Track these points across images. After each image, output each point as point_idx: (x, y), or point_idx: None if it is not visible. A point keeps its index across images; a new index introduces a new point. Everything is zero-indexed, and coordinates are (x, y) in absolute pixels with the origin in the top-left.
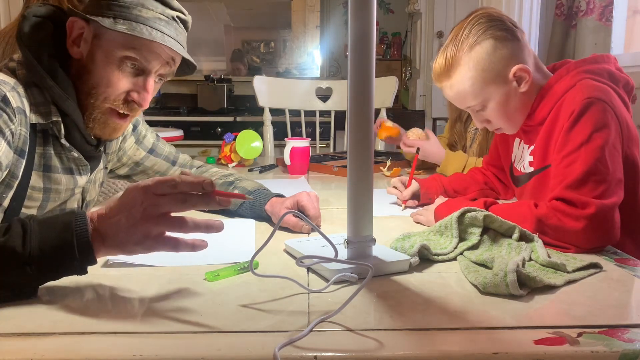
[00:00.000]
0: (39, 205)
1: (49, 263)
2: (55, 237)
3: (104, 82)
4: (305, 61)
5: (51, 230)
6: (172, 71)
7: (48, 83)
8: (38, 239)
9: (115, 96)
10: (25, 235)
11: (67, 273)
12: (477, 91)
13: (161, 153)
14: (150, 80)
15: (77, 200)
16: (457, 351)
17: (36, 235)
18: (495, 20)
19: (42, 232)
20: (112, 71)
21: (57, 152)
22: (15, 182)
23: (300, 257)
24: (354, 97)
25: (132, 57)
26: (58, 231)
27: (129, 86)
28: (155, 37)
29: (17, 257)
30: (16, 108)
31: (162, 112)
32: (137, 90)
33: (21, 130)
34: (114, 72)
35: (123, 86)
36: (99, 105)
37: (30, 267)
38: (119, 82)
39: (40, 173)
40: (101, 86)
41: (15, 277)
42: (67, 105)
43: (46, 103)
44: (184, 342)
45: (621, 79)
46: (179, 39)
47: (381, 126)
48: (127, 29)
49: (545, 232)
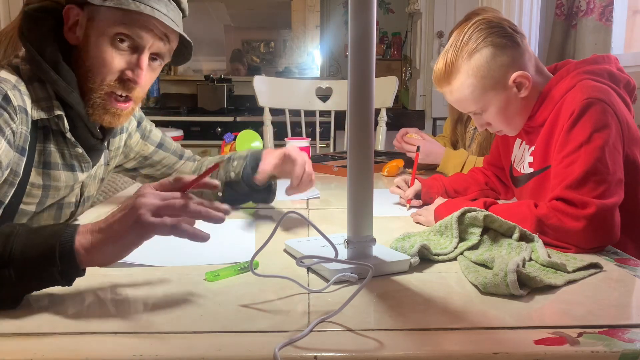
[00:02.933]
0: (38, 201)
1: (29, 268)
2: (40, 242)
3: (98, 62)
4: (305, 61)
5: (38, 236)
6: (167, 50)
7: (52, 76)
8: (22, 242)
9: (110, 76)
10: (8, 238)
11: (49, 280)
12: (476, 98)
13: (169, 147)
14: (143, 57)
15: (75, 195)
16: (457, 351)
17: (21, 239)
18: (495, 27)
19: (28, 237)
20: (105, 50)
21: (60, 148)
22: (17, 180)
23: (300, 257)
24: (354, 97)
25: (124, 33)
26: (44, 237)
27: (123, 65)
28: (143, 10)
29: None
30: (17, 107)
31: (162, 112)
32: (131, 68)
33: (22, 128)
34: (107, 51)
35: (117, 65)
36: (96, 88)
37: (9, 269)
38: (113, 61)
39: (40, 170)
40: (95, 66)
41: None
42: (71, 97)
43: (49, 98)
44: (184, 342)
45: (622, 79)
46: (171, 16)
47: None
48: (114, 3)
49: (545, 232)
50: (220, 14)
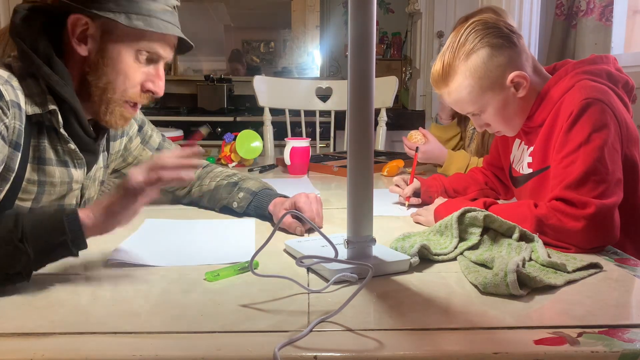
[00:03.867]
0: (34, 197)
1: (43, 240)
2: (47, 217)
3: (122, 76)
4: (305, 61)
5: (43, 213)
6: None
7: (45, 71)
8: (30, 219)
9: (133, 89)
10: (17, 217)
11: (61, 250)
12: (474, 98)
13: None
14: (161, 68)
15: (75, 197)
16: (457, 351)
17: (28, 217)
18: (491, 28)
19: (34, 215)
20: (128, 64)
21: (53, 144)
22: (12, 175)
23: (300, 257)
24: (354, 97)
25: (147, 50)
26: (50, 214)
27: (143, 77)
28: (170, 30)
29: (10, 236)
30: (10, 101)
31: (162, 112)
32: (150, 80)
33: (15, 123)
34: (130, 66)
35: (139, 78)
36: (117, 98)
37: (24, 244)
38: (136, 74)
39: (35, 165)
40: (118, 80)
41: (9, 257)
42: (64, 91)
43: (42, 93)
44: (184, 342)
45: (620, 79)
46: (178, 25)
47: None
48: (144, 25)
49: (545, 232)
50: (220, 14)
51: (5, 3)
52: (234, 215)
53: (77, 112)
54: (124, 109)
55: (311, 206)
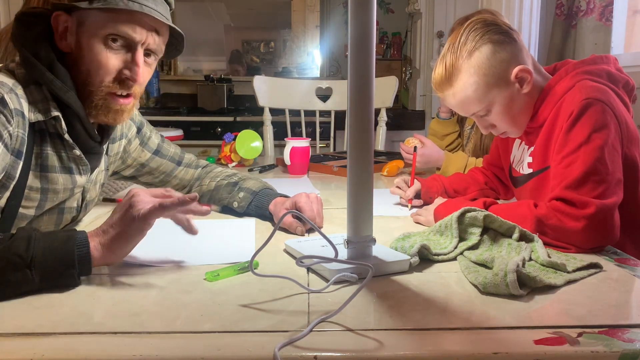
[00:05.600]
0: (37, 205)
1: (50, 270)
2: (58, 246)
3: (95, 65)
4: (305, 61)
5: (54, 241)
6: (159, 44)
7: (48, 77)
8: (41, 246)
9: (108, 77)
10: (30, 241)
11: (67, 282)
12: (480, 96)
13: (166, 154)
14: (138, 54)
15: (76, 200)
16: (457, 351)
17: (39, 243)
18: (491, 25)
19: (45, 241)
20: (99, 52)
21: (57, 150)
22: (12, 183)
23: (300, 257)
24: (354, 97)
25: (115, 33)
26: (61, 242)
27: (119, 64)
28: (132, 7)
29: (20, 262)
30: (14, 110)
31: (162, 112)
32: (127, 67)
33: (18, 131)
34: (101, 52)
35: (113, 65)
36: (96, 90)
37: (31, 271)
38: (109, 62)
39: (37, 173)
40: (93, 70)
41: (15, 281)
42: (68, 96)
43: (45, 100)
44: (184, 342)
45: (620, 79)
46: (159, 9)
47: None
48: (103, 4)
49: (545, 232)
50: (220, 14)
51: (5, 3)
52: (234, 215)
53: (80, 116)
54: (109, 100)
55: (311, 206)
